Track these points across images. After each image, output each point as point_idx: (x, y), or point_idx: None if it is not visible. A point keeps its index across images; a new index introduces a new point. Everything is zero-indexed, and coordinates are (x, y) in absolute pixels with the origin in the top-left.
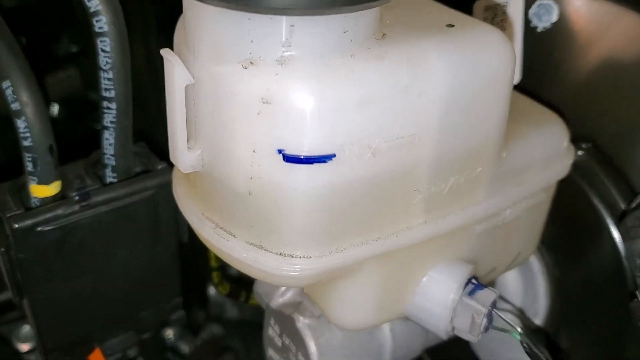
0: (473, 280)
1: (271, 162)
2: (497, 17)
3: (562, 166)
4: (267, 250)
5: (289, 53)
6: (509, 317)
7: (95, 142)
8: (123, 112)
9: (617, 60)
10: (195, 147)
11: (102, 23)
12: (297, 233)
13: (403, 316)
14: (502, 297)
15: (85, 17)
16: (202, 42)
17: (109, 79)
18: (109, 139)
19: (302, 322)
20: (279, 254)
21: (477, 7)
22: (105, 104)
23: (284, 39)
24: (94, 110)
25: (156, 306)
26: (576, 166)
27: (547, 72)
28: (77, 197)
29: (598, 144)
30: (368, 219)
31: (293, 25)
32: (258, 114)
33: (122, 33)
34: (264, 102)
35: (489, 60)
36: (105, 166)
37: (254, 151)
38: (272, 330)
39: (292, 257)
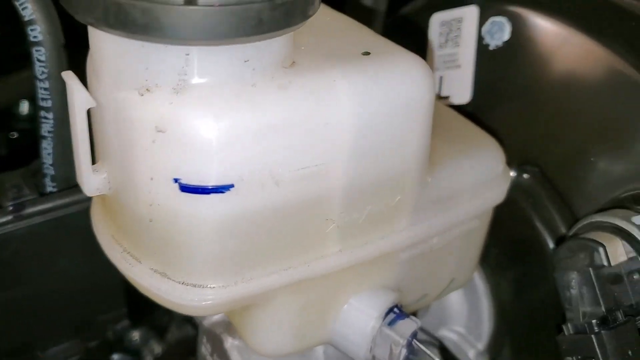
0: (395, 309)
1: (168, 190)
2: (451, 33)
3: (496, 192)
4: (170, 279)
5: (184, 81)
6: (431, 349)
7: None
8: (60, 121)
9: (565, 84)
10: (102, 169)
11: (37, 32)
12: (199, 263)
13: (326, 342)
14: (443, 322)
15: None
16: (104, 67)
17: (45, 89)
18: (47, 148)
19: (230, 343)
20: (182, 283)
21: (433, 21)
22: (42, 113)
23: (179, 68)
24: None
25: (100, 315)
26: (522, 190)
27: (497, 92)
28: (10, 208)
29: (544, 168)
30: (276, 249)
31: (188, 54)
32: (153, 142)
33: (58, 42)
34: (158, 131)
35: (404, 88)
36: (44, 175)
37: (151, 179)
38: (204, 349)
39: (195, 286)
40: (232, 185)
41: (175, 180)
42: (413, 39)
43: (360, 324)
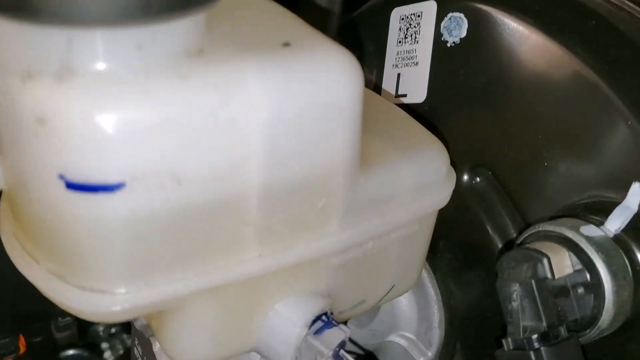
0: (323, 317)
1: (54, 187)
2: (410, 28)
3: (438, 196)
4: (67, 282)
5: (68, 69)
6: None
7: None
8: None
9: (522, 84)
10: (1, 162)
11: None
12: (94, 266)
13: (251, 350)
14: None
15: None
16: None
17: None
18: None
19: (158, 347)
20: (78, 287)
21: (394, 15)
22: None
23: (61, 53)
24: None
25: (43, 312)
26: (474, 194)
27: (453, 91)
28: None
29: (498, 172)
30: (185, 253)
31: (70, 39)
32: (35, 134)
33: None
34: (39, 122)
35: (327, 84)
36: None
37: (37, 174)
38: (136, 351)
39: (92, 291)
40: (122, 184)
41: (61, 177)
42: (373, 35)
43: (285, 332)
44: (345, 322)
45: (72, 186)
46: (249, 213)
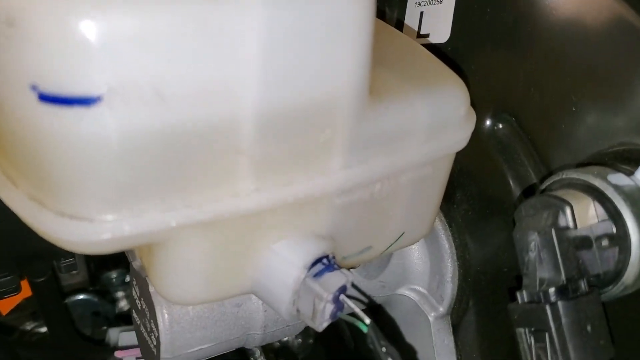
0: (324, 260)
1: (26, 99)
2: None
3: (455, 138)
4: (46, 208)
5: None
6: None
7: None
8: None
9: (552, 24)
10: None
11: None
12: (72, 190)
13: (247, 293)
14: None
15: None
16: None
17: None
18: None
19: (153, 288)
20: (58, 213)
21: None
22: None
23: None
24: None
25: (44, 252)
26: (496, 141)
27: (479, 32)
28: None
29: (523, 118)
30: (171, 181)
31: None
32: (5, 36)
33: None
34: (8, 24)
35: None
36: None
37: (9, 83)
38: (134, 291)
39: (72, 218)
40: (99, 98)
41: (33, 88)
42: None
43: (282, 273)
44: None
45: (45, 98)
46: (243, 140)
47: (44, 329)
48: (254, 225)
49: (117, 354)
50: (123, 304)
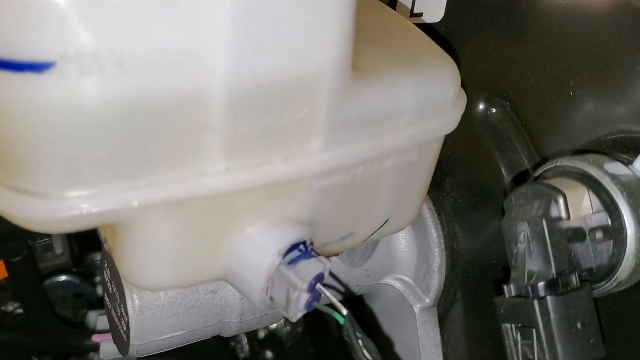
0: (301, 247)
1: None
2: None
3: (443, 121)
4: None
5: None
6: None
7: None
8: None
9: (549, 4)
10: None
11: None
12: (27, 164)
13: (218, 279)
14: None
15: None
16: None
17: None
18: None
19: None
20: (11, 188)
21: None
22: None
23: None
24: None
25: (18, 231)
26: (488, 126)
27: (473, 12)
28: None
29: (517, 102)
30: (133, 158)
31: None
32: None
33: None
34: None
35: None
36: None
37: None
38: (105, 274)
39: (27, 194)
40: (52, 64)
41: None
42: None
43: (256, 259)
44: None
45: None
46: (213, 116)
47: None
48: (224, 207)
49: (95, 337)
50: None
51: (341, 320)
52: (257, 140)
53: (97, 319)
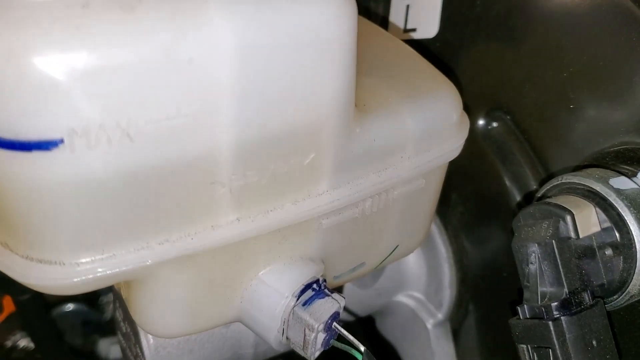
0: (314, 286)
1: None
2: None
3: (448, 147)
4: (12, 251)
5: None
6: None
7: None
8: None
9: (547, 15)
10: None
11: None
12: (38, 234)
13: (233, 322)
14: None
15: None
16: None
17: None
18: None
19: None
20: (25, 258)
21: None
22: None
23: None
24: None
25: None
26: (490, 141)
27: (469, 26)
28: None
29: (518, 115)
30: (145, 220)
31: None
32: None
33: None
34: None
35: (309, 15)
36: None
37: None
38: (118, 314)
39: (41, 262)
40: (60, 141)
41: None
42: None
43: (270, 303)
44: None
45: (1, 144)
46: (221, 172)
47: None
48: (236, 255)
49: None
50: (111, 309)
51: (359, 357)
52: (266, 188)
53: (110, 349)
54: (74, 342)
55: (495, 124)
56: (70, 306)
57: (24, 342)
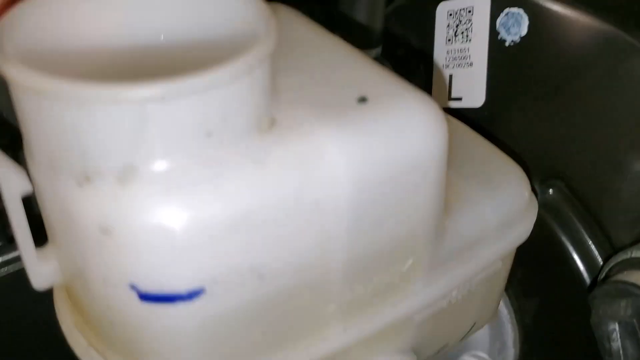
0: None
1: (125, 297)
2: (461, 25)
3: (522, 229)
4: None
5: (131, 167)
6: None
7: None
8: None
9: (594, 81)
10: (51, 257)
11: None
12: None
13: None
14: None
15: None
16: (34, 142)
17: None
18: None
19: None
20: None
21: (440, 11)
22: None
23: (124, 150)
24: None
25: None
26: (547, 208)
27: (516, 93)
28: None
29: (570, 179)
30: (263, 343)
31: (139, 130)
32: (100, 243)
33: None
34: (103, 232)
35: (411, 144)
36: None
37: (104, 281)
38: None
39: None
40: (202, 290)
41: (132, 287)
42: (417, 31)
43: None
44: None
45: (145, 297)
46: (332, 291)
47: None
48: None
49: None
50: None
51: None
52: (369, 297)
53: None
54: None
55: (550, 191)
56: None
57: None
